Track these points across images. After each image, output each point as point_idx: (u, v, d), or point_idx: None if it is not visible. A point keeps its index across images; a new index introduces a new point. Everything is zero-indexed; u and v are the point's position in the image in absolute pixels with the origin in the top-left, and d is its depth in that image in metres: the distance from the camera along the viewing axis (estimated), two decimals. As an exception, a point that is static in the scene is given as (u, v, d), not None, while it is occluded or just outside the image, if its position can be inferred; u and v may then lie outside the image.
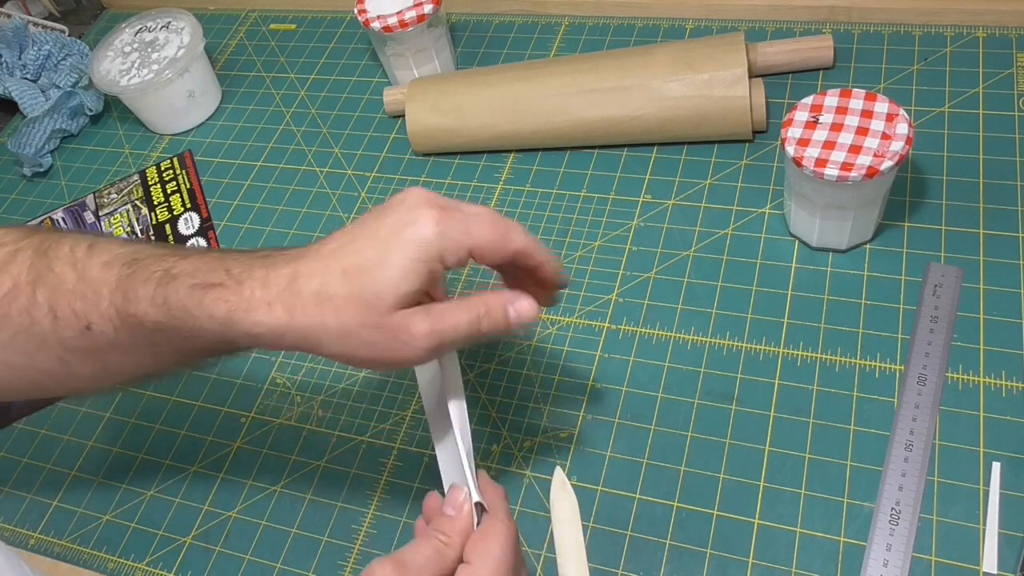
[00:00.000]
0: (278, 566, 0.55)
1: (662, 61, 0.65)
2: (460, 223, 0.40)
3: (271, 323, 0.40)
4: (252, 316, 0.40)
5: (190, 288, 0.41)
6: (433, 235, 0.40)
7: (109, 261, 0.44)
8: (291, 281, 0.40)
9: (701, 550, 0.50)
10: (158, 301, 0.42)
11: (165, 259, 0.43)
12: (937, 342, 0.54)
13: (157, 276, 0.42)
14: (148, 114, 0.83)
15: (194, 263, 0.42)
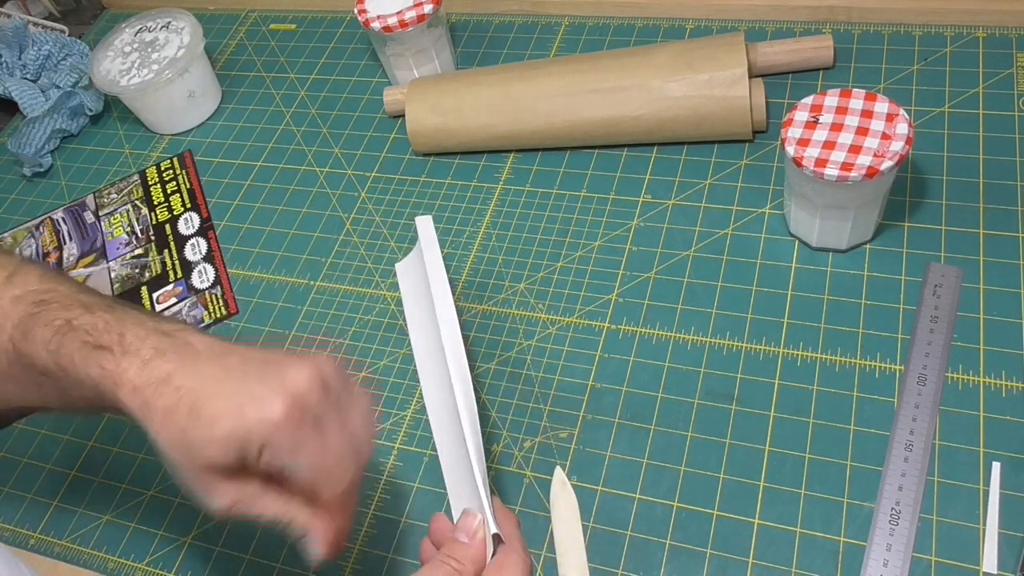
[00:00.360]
0: (278, 566, 0.55)
1: (662, 61, 0.66)
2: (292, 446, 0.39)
3: (130, 408, 0.40)
4: (118, 392, 0.40)
5: (81, 343, 0.42)
6: (259, 434, 0.38)
7: (20, 296, 0.45)
8: (160, 383, 0.40)
9: (701, 550, 0.50)
10: (51, 348, 0.42)
11: (71, 308, 0.43)
12: (937, 342, 0.54)
13: (57, 324, 0.43)
14: (148, 114, 0.83)
15: (95, 319, 0.43)
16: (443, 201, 0.71)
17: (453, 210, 0.70)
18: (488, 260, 0.66)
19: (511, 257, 0.66)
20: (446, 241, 0.68)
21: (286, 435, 0.38)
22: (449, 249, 0.67)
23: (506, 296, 0.63)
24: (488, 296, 0.64)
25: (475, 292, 0.64)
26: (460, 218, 0.69)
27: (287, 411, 0.38)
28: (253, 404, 0.38)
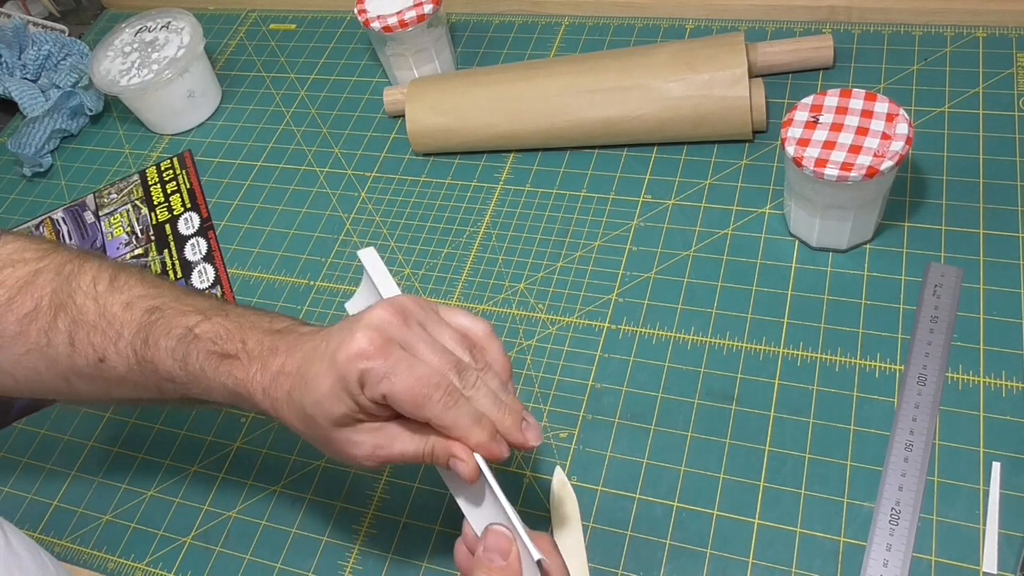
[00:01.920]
0: (278, 566, 0.55)
1: (662, 61, 0.66)
2: (384, 364, 0.39)
3: (264, 407, 0.44)
4: (253, 397, 0.43)
5: (208, 353, 0.44)
6: (353, 367, 0.39)
7: (130, 302, 0.47)
8: (276, 376, 0.43)
9: (701, 550, 0.50)
10: (177, 356, 0.45)
11: (188, 315, 0.46)
12: (937, 342, 0.54)
13: (179, 332, 0.45)
14: (148, 114, 0.83)
15: (215, 327, 0.45)
16: (443, 201, 0.71)
17: (453, 210, 0.70)
18: (488, 260, 0.66)
19: (511, 257, 0.66)
20: (446, 241, 0.68)
21: (376, 361, 0.39)
22: (449, 249, 0.67)
23: (506, 296, 0.63)
24: (488, 296, 0.64)
25: (475, 292, 0.64)
26: (460, 218, 0.69)
27: (369, 338, 0.39)
28: (341, 347, 0.40)
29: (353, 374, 0.39)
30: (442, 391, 0.39)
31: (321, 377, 0.40)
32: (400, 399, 0.39)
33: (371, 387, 0.39)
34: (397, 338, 0.40)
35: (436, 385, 0.39)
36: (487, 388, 0.41)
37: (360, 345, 0.39)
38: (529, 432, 0.42)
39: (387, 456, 0.42)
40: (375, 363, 0.39)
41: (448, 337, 0.42)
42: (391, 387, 0.39)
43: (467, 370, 0.41)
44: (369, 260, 0.47)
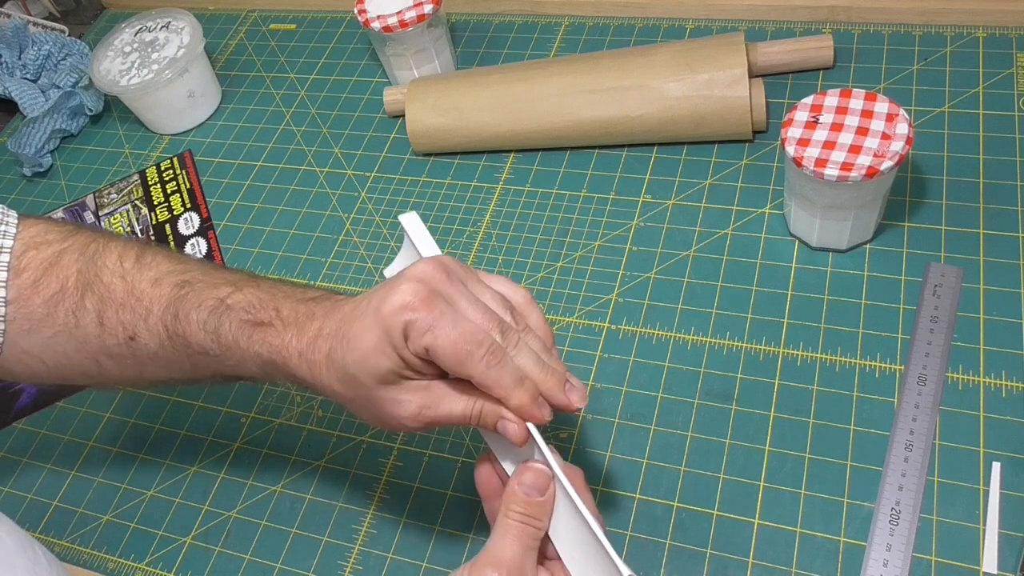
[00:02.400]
0: (278, 566, 0.55)
1: (662, 61, 0.65)
2: (429, 317, 0.38)
3: (301, 374, 0.42)
4: (288, 363, 0.42)
5: (241, 323, 0.43)
6: (398, 319, 0.38)
7: (159, 278, 0.46)
8: (314, 339, 0.42)
9: (701, 550, 0.50)
10: (209, 328, 0.44)
11: (218, 287, 0.45)
12: (937, 342, 0.54)
13: (210, 304, 0.44)
14: (148, 114, 0.83)
15: (248, 296, 0.44)
16: (443, 201, 0.71)
17: (453, 210, 0.70)
18: (488, 260, 0.66)
19: (511, 257, 0.66)
20: (446, 241, 0.68)
21: (420, 312, 0.38)
22: (449, 249, 0.67)
23: (506, 296, 0.63)
24: (488, 296, 0.64)
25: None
26: (460, 218, 0.69)
27: (414, 290, 0.38)
28: (384, 300, 0.39)
29: (397, 327, 0.38)
30: (485, 348, 0.38)
31: (365, 333, 0.39)
32: (443, 353, 0.38)
33: (415, 340, 0.38)
34: (441, 292, 0.39)
35: (479, 342, 0.38)
36: (529, 348, 0.40)
37: (405, 297, 0.38)
38: (573, 394, 0.40)
39: (433, 417, 0.40)
40: (420, 315, 0.38)
41: (489, 297, 0.41)
42: (434, 340, 0.38)
43: (509, 330, 0.40)
44: (411, 224, 0.47)
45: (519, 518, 0.38)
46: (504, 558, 0.37)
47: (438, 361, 0.39)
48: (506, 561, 0.37)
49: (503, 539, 0.38)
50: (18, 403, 0.68)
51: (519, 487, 0.39)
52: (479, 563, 0.37)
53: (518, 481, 0.39)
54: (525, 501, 0.38)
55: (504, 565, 0.37)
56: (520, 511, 0.38)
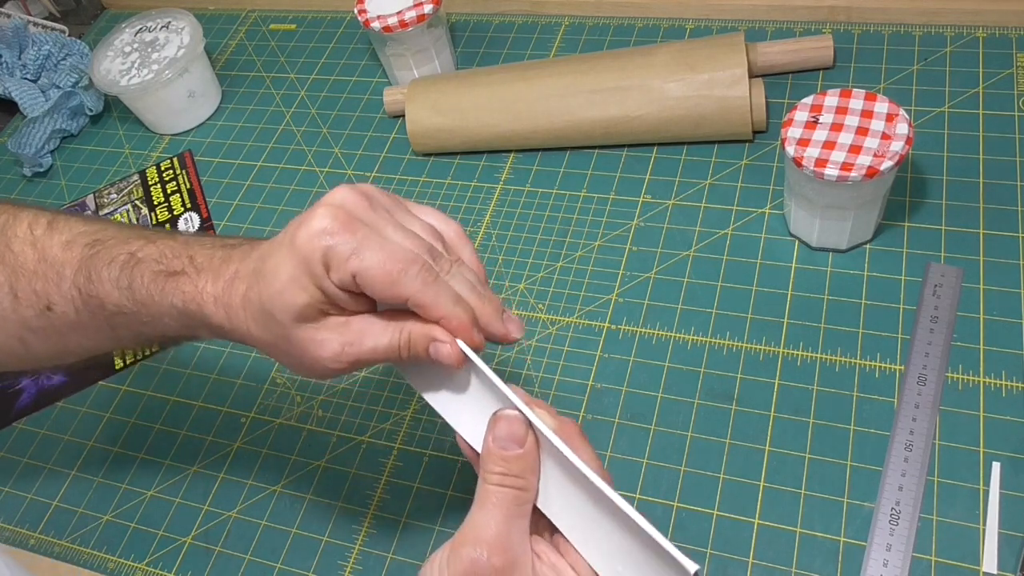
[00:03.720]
0: (278, 566, 0.55)
1: (662, 61, 0.65)
2: (351, 241, 0.35)
3: (218, 320, 0.39)
4: (204, 309, 0.39)
5: (154, 274, 0.40)
6: (316, 246, 0.35)
7: (70, 240, 0.43)
8: (230, 282, 0.39)
9: (701, 550, 0.50)
10: (122, 284, 0.41)
11: (130, 242, 0.42)
12: (937, 342, 0.54)
13: (122, 259, 0.41)
14: (148, 114, 0.83)
15: (160, 248, 0.41)
16: (443, 201, 0.71)
17: (453, 210, 0.70)
18: (488, 260, 0.66)
19: (511, 257, 0.66)
20: (446, 241, 0.68)
21: (341, 237, 0.35)
22: (449, 249, 0.67)
23: (506, 296, 0.63)
24: (488, 296, 0.64)
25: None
26: (460, 218, 0.69)
27: (332, 214, 0.36)
28: (301, 228, 0.36)
29: (316, 254, 0.35)
30: (419, 266, 0.35)
31: (280, 265, 0.36)
32: (372, 275, 0.35)
33: (338, 267, 0.35)
34: (363, 218, 0.36)
35: (412, 260, 0.35)
36: (463, 277, 0.38)
37: (323, 223, 0.35)
38: (511, 324, 0.38)
39: (357, 354, 0.37)
40: (340, 239, 0.35)
41: (419, 227, 0.38)
42: (360, 263, 0.35)
43: (440, 257, 0.37)
44: None
45: (498, 480, 0.33)
46: (486, 534, 0.32)
47: (366, 287, 0.36)
48: (488, 538, 0.32)
49: (482, 511, 0.33)
50: (18, 403, 0.68)
51: (493, 442, 0.34)
52: (457, 542, 0.32)
53: (491, 435, 0.34)
54: (502, 457, 0.33)
55: (485, 543, 0.32)
56: (499, 471, 0.33)
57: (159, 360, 0.67)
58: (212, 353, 0.66)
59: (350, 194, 0.37)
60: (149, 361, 0.67)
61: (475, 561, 0.31)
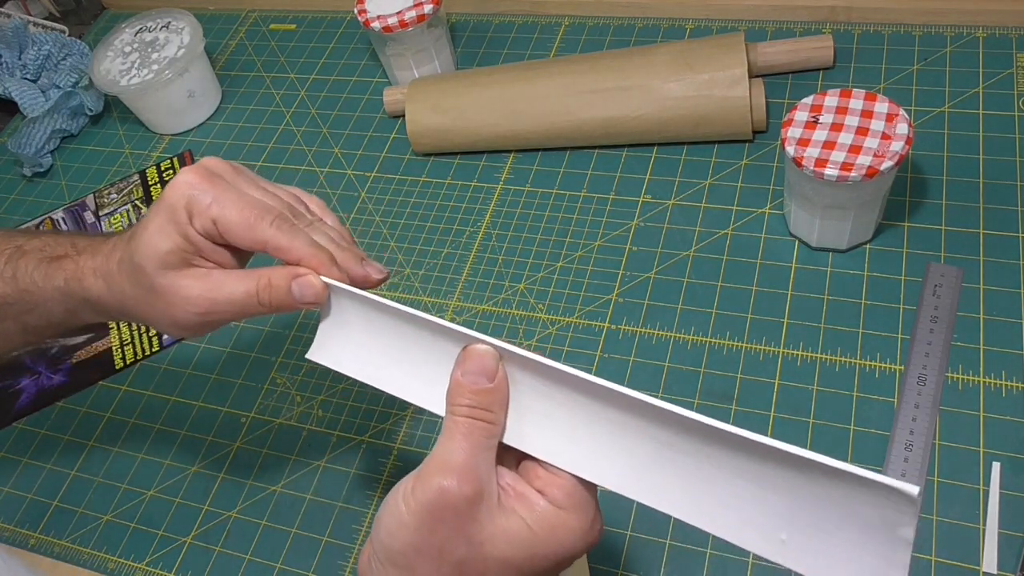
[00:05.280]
0: (278, 566, 0.55)
1: (662, 61, 0.65)
2: (212, 191, 0.39)
3: (96, 291, 0.43)
4: (83, 283, 0.43)
5: (38, 262, 0.45)
6: (179, 195, 0.39)
7: None
8: (109, 253, 0.43)
9: (701, 550, 0.50)
10: (7, 275, 0.45)
11: (15, 238, 0.47)
12: (937, 342, 0.54)
13: (8, 252, 0.46)
14: (148, 114, 0.83)
15: (44, 241, 0.46)
16: (443, 201, 0.71)
17: (453, 210, 0.70)
18: (488, 260, 0.66)
19: (511, 257, 0.66)
20: (446, 241, 0.68)
21: (202, 188, 0.39)
22: (449, 249, 0.67)
23: (506, 296, 0.63)
24: (488, 296, 0.64)
25: (475, 292, 0.64)
26: (460, 218, 0.69)
27: (196, 171, 0.40)
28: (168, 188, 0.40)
29: (180, 202, 0.39)
30: (274, 215, 0.40)
31: (150, 220, 0.40)
32: (231, 221, 0.39)
33: (200, 213, 0.39)
34: (224, 177, 0.41)
35: (268, 210, 0.40)
36: (322, 231, 0.41)
37: (187, 177, 0.40)
38: (370, 267, 0.41)
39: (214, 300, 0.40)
40: (201, 189, 0.39)
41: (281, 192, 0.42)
42: (220, 210, 0.39)
43: (300, 214, 0.41)
44: None
45: (467, 412, 0.33)
46: (454, 462, 0.32)
47: (226, 232, 0.39)
48: (456, 465, 0.31)
49: (451, 441, 0.32)
50: (18, 403, 0.68)
51: (462, 376, 0.33)
52: (425, 472, 0.32)
53: (460, 369, 0.33)
54: (471, 391, 0.33)
55: (454, 470, 0.31)
56: (467, 403, 0.33)
57: (159, 360, 0.67)
58: (212, 353, 0.66)
59: (216, 161, 0.41)
60: (149, 361, 0.67)
61: (444, 489, 0.31)
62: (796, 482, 0.28)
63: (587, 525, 0.32)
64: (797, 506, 0.28)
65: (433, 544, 0.31)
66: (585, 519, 0.32)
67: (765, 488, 0.29)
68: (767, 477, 0.28)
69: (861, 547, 0.27)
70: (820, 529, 0.28)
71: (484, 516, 0.31)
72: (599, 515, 0.33)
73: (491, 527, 0.31)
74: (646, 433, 0.31)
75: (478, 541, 0.31)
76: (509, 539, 0.32)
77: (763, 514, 0.29)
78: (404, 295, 0.65)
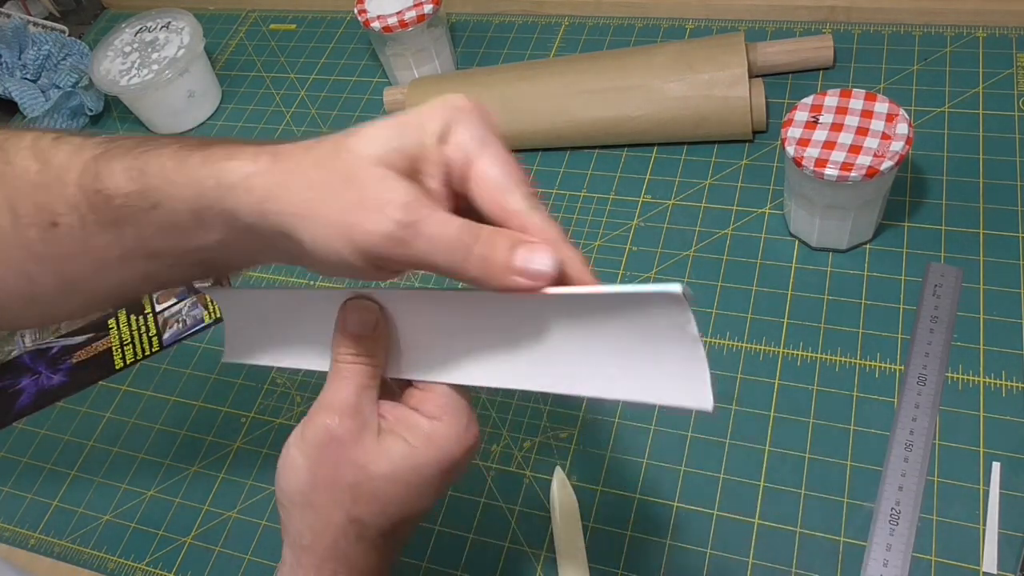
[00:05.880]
0: (278, 566, 0.55)
1: (662, 61, 0.66)
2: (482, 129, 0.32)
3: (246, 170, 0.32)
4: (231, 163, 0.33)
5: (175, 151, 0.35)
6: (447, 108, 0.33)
7: (80, 146, 0.38)
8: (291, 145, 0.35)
9: (701, 550, 0.50)
10: (134, 173, 0.35)
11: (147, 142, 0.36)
12: (937, 342, 0.54)
13: (138, 151, 0.36)
14: (148, 114, 0.83)
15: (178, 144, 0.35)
16: (443, 201, 0.70)
17: (453, 210, 0.70)
18: (488, 260, 0.66)
19: (511, 257, 0.65)
20: (446, 241, 0.68)
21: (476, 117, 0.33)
22: (449, 249, 0.67)
23: (506, 296, 0.63)
24: (488, 296, 0.64)
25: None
26: (460, 218, 0.69)
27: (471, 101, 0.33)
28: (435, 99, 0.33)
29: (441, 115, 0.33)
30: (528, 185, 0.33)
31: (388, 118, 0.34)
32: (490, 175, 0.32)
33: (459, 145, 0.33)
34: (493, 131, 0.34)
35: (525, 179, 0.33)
36: None
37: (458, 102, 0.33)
38: None
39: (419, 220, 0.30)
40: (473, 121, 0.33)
41: None
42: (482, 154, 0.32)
43: None
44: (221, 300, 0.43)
45: (350, 359, 0.36)
46: (336, 402, 0.35)
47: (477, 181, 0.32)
48: (338, 403, 0.35)
49: (336, 383, 0.35)
50: (18, 403, 0.68)
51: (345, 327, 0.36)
52: (311, 415, 0.35)
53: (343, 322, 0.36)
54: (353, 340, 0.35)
55: (336, 408, 0.35)
56: (349, 351, 0.35)
57: (159, 360, 0.67)
58: (212, 353, 0.66)
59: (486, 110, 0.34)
60: (149, 361, 0.67)
61: (328, 428, 0.34)
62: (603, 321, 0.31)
63: (462, 430, 0.35)
64: (611, 342, 0.31)
65: (325, 476, 0.34)
66: (459, 424, 0.35)
67: (588, 337, 0.32)
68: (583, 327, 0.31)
69: (666, 357, 0.31)
70: (633, 354, 0.31)
71: (367, 443, 0.34)
72: (473, 420, 0.36)
73: (375, 450, 0.34)
74: (490, 326, 0.34)
75: (363, 463, 0.34)
76: (391, 457, 0.34)
77: (592, 361, 0.32)
78: (404, 295, 0.65)
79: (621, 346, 0.31)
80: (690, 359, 0.31)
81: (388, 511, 0.35)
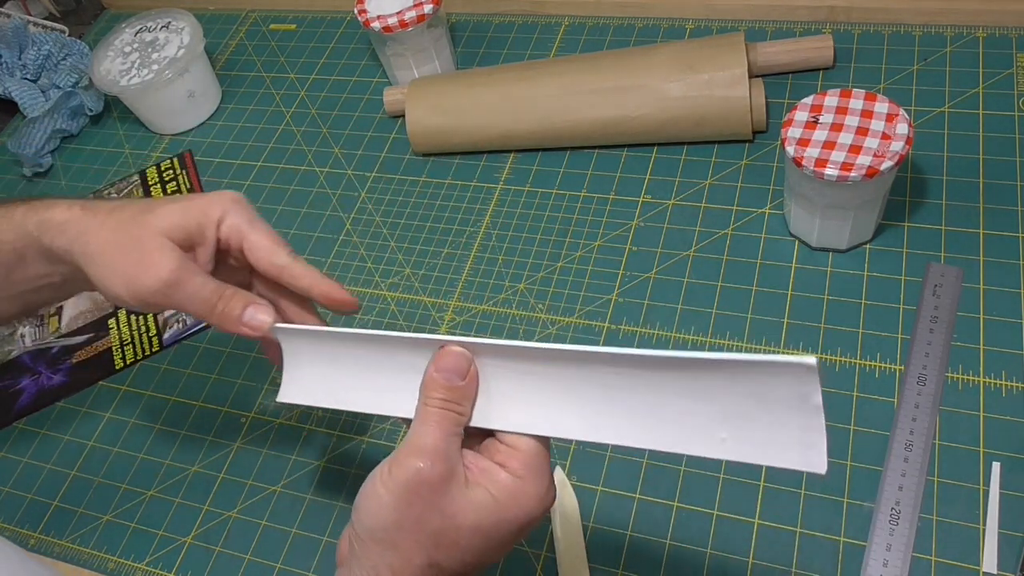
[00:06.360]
0: (278, 566, 0.55)
1: (662, 61, 0.66)
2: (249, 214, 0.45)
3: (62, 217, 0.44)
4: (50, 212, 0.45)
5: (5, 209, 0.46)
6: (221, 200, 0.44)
7: None
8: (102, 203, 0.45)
9: (701, 550, 0.50)
10: None
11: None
12: (937, 342, 0.54)
13: None
14: (148, 114, 0.83)
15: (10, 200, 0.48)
16: (443, 201, 0.71)
17: (453, 210, 0.70)
18: (488, 260, 0.66)
19: (511, 257, 0.66)
20: (446, 241, 0.68)
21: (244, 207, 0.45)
22: (449, 249, 0.67)
23: (506, 296, 0.63)
24: (488, 296, 0.64)
25: (475, 292, 0.64)
26: (460, 218, 0.69)
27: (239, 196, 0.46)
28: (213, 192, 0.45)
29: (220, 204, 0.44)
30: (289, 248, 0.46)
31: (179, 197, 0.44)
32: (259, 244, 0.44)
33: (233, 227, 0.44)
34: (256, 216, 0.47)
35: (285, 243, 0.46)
36: None
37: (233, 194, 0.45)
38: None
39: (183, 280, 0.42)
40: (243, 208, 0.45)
41: None
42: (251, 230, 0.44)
43: None
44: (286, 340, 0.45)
45: (439, 404, 0.36)
46: (427, 446, 0.36)
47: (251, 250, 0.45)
48: (429, 447, 0.35)
49: (424, 427, 0.36)
50: (18, 403, 0.68)
51: (436, 372, 0.37)
52: (400, 455, 0.36)
53: (435, 366, 0.37)
54: (445, 387, 0.37)
55: (427, 452, 0.35)
56: (440, 397, 0.37)
57: (159, 360, 0.67)
58: (212, 353, 0.66)
59: None
60: (149, 361, 0.67)
61: (419, 470, 0.35)
62: (718, 384, 0.31)
63: (544, 490, 0.36)
64: (725, 406, 0.32)
65: (411, 518, 0.35)
66: (542, 485, 0.36)
67: (697, 399, 0.32)
68: (695, 389, 0.32)
69: (784, 424, 0.31)
70: (748, 419, 0.31)
71: (454, 491, 0.35)
72: (553, 481, 0.37)
73: (461, 500, 0.35)
74: (592, 380, 0.34)
75: (450, 513, 0.35)
76: (476, 509, 0.35)
77: (700, 422, 0.32)
78: (404, 295, 0.65)
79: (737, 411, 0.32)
80: (810, 428, 0.30)
81: (465, 559, 0.36)
